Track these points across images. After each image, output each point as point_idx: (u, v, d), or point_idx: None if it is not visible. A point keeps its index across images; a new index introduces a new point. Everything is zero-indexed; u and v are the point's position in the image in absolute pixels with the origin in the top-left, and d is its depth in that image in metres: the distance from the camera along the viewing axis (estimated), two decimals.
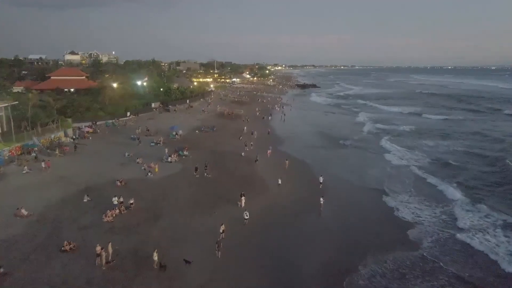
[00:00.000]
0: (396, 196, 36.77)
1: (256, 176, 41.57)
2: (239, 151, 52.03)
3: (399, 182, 41.25)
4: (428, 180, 42.37)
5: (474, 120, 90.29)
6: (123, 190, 35.15)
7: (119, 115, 69.20)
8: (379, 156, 53.59)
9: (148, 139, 57.52)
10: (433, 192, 38.68)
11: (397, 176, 43.58)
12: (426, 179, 42.68)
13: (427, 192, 38.53)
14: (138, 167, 42.49)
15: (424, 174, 44.53)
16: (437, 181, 41.63)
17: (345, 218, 31.84)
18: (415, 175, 44.26)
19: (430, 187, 40.10)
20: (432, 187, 40.26)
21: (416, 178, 43.15)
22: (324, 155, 53.69)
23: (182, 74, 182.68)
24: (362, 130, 75.45)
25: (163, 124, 68.61)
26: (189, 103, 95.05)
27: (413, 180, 42.35)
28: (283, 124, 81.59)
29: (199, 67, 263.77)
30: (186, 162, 45.52)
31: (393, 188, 39.06)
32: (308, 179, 41.93)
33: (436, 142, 63.12)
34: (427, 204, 35.13)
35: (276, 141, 62.51)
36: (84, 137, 55.93)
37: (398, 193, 37.64)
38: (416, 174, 44.49)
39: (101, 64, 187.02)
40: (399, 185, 40.19)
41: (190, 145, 54.81)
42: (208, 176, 40.39)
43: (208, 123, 73.69)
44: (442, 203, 35.28)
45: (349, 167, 47.40)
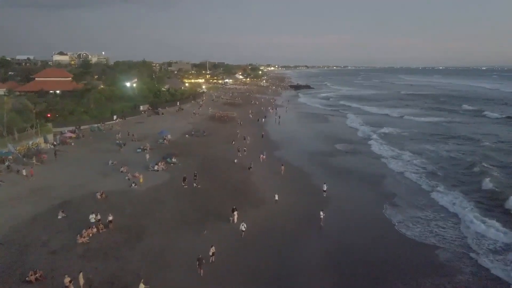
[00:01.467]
0: (402, 209, 33.83)
1: (250, 186, 38.48)
2: (232, 157, 48.96)
3: (402, 191, 38.45)
4: (431, 189, 39.57)
5: (462, 123, 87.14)
6: (103, 204, 31.91)
7: (105, 118, 65.60)
8: (377, 162, 50.81)
9: (135, 144, 54.20)
10: (436, 204, 35.82)
11: (399, 185, 40.81)
12: (430, 191, 39.77)
13: (431, 204, 35.70)
14: (122, 176, 39.17)
15: (425, 182, 41.76)
16: (441, 190, 38.80)
17: (349, 236, 28.79)
18: (415, 183, 41.50)
19: (433, 198, 37.25)
20: (435, 197, 37.40)
21: (418, 187, 40.37)
22: (322, 160, 50.69)
23: (174, 75, 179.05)
24: (356, 133, 72.58)
25: (151, 128, 65.25)
26: (180, 105, 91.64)
27: (415, 189, 39.61)
28: (278, 126, 78.72)
29: (191, 67, 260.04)
30: (174, 171, 42.28)
31: (397, 199, 36.20)
32: (306, 187, 39.03)
33: (433, 147, 60.58)
34: (437, 221, 32.20)
35: (271, 145, 59.57)
36: (66, 143, 52.34)
37: (403, 206, 34.73)
38: (417, 183, 41.72)
39: (90, 65, 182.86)
40: (402, 195, 37.37)
41: (180, 151, 51.61)
42: (198, 187, 37.21)
43: (199, 127, 70.49)
44: (450, 218, 32.50)
45: (349, 174, 44.51)
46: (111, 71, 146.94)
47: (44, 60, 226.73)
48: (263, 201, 34.38)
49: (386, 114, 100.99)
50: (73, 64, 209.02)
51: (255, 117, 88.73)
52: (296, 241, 27.47)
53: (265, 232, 28.70)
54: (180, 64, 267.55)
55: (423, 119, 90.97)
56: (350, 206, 34.83)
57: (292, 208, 33.13)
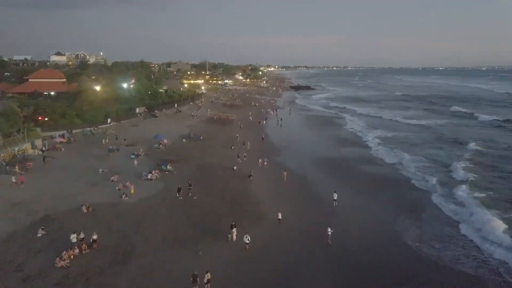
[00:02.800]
0: (420, 224, 30.95)
1: (251, 198, 35.57)
2: (231, 163, 46.11)
3: (418, 203, 35.62)
4: (448, 199, 36.75)
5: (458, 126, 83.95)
6: (89, 219, 29.10)
7: (98, 122, 62.66)
8: (388, 169, 47.98)
9: (129, 150, 51.28)
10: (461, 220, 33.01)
11: (413, 194, 37.99)
12: (449, 201, 36.97)
13: (453, 219, 32.87)
14: (112, 186, 36.27)
15: (440, 190, 38.95)
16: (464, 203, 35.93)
17: (359, 255, 25.87)
18: (429, 192, 38.67)
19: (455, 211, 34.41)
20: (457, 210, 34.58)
21: (436, 198, 37.52)
22: (327, 166, 47.86)
23: (173, 76, 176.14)
24: (358, 137, 69.57)
25: (147, 132, 62.30)
26: (177, 107, 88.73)
27: (432, 200, 36.76)
28: (279, 129, 75.92)
29: (191, 68, 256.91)
30: (168, 179, 39.40)
31: (413, 212, 33.31)
32: (310, 197, 36.22)
33: (444, 151, 57.77)
34: (460, 241, 29.37)
35: (272, 149, 56.81)
36: (56, 148, 49.41)
37: (420, 219, 31.88)
38: (431, 192, 38.89)
39: (87, 65, 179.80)
40: (419, 207, 34.53)
41: (175, 156, 48.78)
42: (193, 198, 34.34)
43: (197, 130, 67.63)
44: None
45: (357, 181, 41.64)
46: (109, 72, 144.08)
47: (42, 61, 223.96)
48: (264, 215, 31.47)
49: (380, 117, 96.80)
50: (70, 65, 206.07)
51: (256, 119, 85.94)
52: (301, 261, 24.59)
53: (267, 251, 25.84)
54: (179, 64, 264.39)
55: (415, 122, 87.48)
56: (360, 219, 31.98)
57: (297, 223, 30.24)
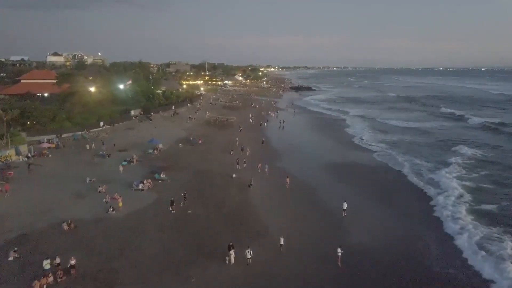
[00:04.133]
0: (443, 239, 27.87)
1: (251, 211, 32.39)
2: (230, 171, 42.97)
3: (439, 215, 32.51)
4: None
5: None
6: (69, 238, 25.96)
7: (90, 125, 59.44)
8: (398, 177, 44.84)
9: (122, 155, 48.10)
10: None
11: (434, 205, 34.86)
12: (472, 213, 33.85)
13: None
14: (99, 198, 33.10)
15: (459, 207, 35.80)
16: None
17: (374, 282, 22.74)
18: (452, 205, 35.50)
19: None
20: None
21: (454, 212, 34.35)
22: (333, 173, 44.77)
23: (171, 77, 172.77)
24: (361, 140, 66.16)
25: (142, 136, 59.19)
26: (175, 109, 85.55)
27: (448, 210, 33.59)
28: (281, 132, 72.80)
29: (190, 68, 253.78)
30: (162, 190, 36.22)
31: (435, 225, 30.23)
32: (316, 209, 33.02)
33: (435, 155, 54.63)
34: None
35: (274, 153, 53.73)
36: (42, 154, 46.27)
37: (442, 232, 28.79)
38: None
39: (85, 66, 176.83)
40: (439, 220, 31.42)
41: (170, 163, 45.61)
42: (188, 212, 31.18)
43: (195, 133, 64.47)
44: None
45: (361, 188, 38.47)
46: (107, 72, 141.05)
47: (39, 61, 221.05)
48: (266, 232, 28.26)
49: (385, 121, 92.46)
50: (68, 65, 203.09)
51: (256, 121, 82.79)
52: (308, 287, 21.47)
53: (269, 275, 22.76)
54: (179, 65, 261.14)
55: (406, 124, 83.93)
56: (373, 233, 28.79)
57: (302, 241, 27.05)
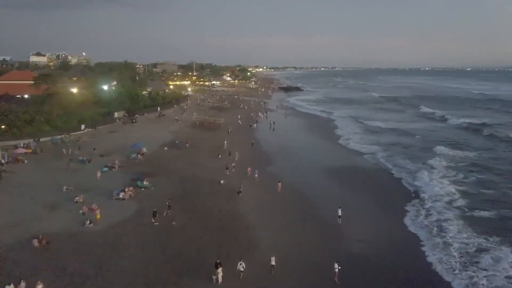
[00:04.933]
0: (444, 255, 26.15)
1: (240, 221, 30.29)
2: (218, 176, 40.80)
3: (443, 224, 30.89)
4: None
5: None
6: (39, 257, 23.49)
7: (70, 128, 56.48)
8: (390, 180, 43.34)
9: (103, 160, 45.50)
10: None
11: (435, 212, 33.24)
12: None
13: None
14: (76, 209, 30.59)
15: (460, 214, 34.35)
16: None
17: None
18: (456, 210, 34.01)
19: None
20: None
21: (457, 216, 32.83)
22: (327, 177, 43.07)
23: (158, 77, 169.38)
24: (352, 143, 64.82)
25: (125, 139, 56.55)
26: (161, 110, 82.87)
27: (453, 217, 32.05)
28: (272, 134, 71.03)
29: (177, 69, 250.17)
30: (144, 198, 33.87)
31: (438, 233, 28.58)
32: (310, 217, 31.10)
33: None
34: None
35: (264, 157, 51.73)
36: (17, 160, 43.41)
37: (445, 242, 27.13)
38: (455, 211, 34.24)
39: (69, 66, 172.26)
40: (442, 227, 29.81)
41: (155, 169, 43.26)
42: (172, 224, 28.92)
43: (182, 136, 62.07)
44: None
45: (354, 191, 36.80)
46: (91, 73, 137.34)
47: (22, 62, 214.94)
48: (256, 245, 26.21)
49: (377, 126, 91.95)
50: (51, 66, 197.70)
51: (245, 123, 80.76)
52: None
53: None
54: (166, 65, 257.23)
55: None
56: (371, 241, 27.09)
57: (296, 257, 25.06)
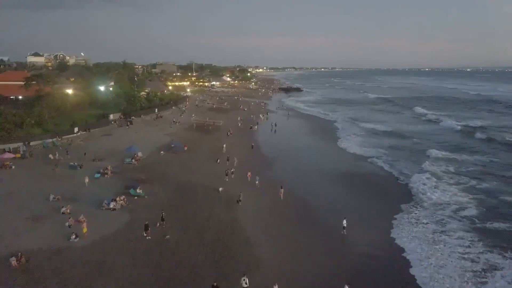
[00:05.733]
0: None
1: (240, 235, 27.91)
2: (216, 183, 38.53)
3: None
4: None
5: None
6: (16, 278, 21.11)
7: (63, 131, 54.05)
8: (395, 184, 40.99)
9: (96, 165, 43.11)
10: None
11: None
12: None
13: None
14: (62, 221, 28.22)
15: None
16: None
17: None
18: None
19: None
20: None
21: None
22: (326, 179, 40.76)
23: (156, 78, 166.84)
24: (356, 148, 62.62)
25: (120, 143, 54.12)
26: (158, 112, 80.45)
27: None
28: (274, 136, 68.86)
29: (177, 69, 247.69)
30: (137, 208, 31.51)
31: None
32: (314, 224, 28.73)
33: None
34: None
35: (266, 162, 49.50)
36: (4, 166, 41.00)
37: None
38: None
39: (66, 66, 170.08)
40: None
41: (150, 174, 40.87)
42: (166, 238, 26.55)
43: (179, 139, 59.68)
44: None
45: (361, 200, 34.47)
46: (88, 73, 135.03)
47: (20, 62, 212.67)
48: (257, 264, 23.84)
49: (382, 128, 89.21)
50: (49, 66, 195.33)
51: (245, 125, 78.39)
52: None
53: None
54: (165, 65, 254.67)
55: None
56: (379, 256, 24.72)
57: (300, 279, 22.72)
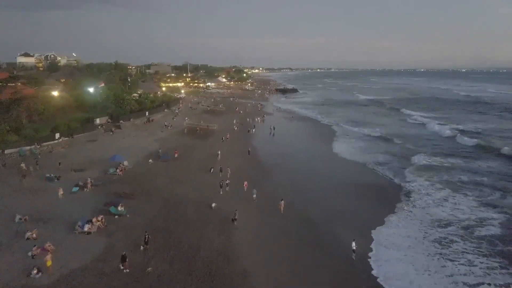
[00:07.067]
0: None
1: (234, 264, 23.73)
2: (209, 197, 34.48)
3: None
4: None
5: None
6: None
7: (42, 138, 49.56)
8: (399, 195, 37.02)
9: (75, 177, 38.80)
10: None
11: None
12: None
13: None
14: (25, 250, 23.94)
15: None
16: None
17: None
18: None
19: None
20: None
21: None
22: (329, 189, 36.74)
23: (150, 78, 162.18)
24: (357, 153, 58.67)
25: (105, 150, 49.82)
26: (149, 115, 76.03)
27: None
28: (272, 140, 64.95)
29: (172, 70, 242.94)
30: (116, 231, 27.30)
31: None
32: (320, 246, 24.66)
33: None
34: None
35: (264, 170, 45.51)
36: None
37: None
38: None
39: (57, 67, 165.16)
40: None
41: (135, 187, 36.68)
42: (147, 271, 22.31)
43: (170, 145, 55.49)
44: None
45: (365, 213, 30.49)
46: (79, 74, 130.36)
47: (11, 63, 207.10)
48: None
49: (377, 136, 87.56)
50: (39, 67, 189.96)
51: (241, 128, 74.29)
52: None
53: None
54: (160, 66, 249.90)
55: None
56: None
57: None
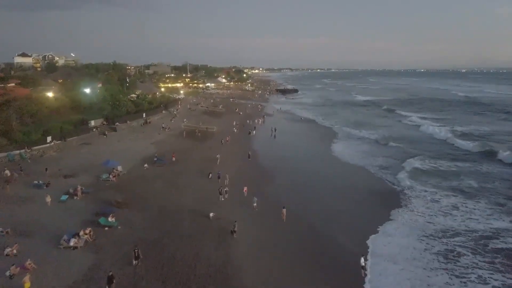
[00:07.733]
0: None
1: (235, 284, 21.54)
2: (207, 205, 32.28)
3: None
4: None
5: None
6: None
7: (34, 141, 47.32)
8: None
9: (66, 184, 36.63)
10: None
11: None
12: None
13: None
14: (3, 269, 21.70)
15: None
16: None
17: None
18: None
19: None
20: None
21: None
22: (332, 195, 34.53)
23: (149, 79, 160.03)
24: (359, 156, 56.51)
25: (98, 154, 47.69)
26: (147, 117, 73.83)
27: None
28: (273, 143, 62.84)
29: (171, 70, 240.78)
30: (105, 245, 25.08)
31: None
32: (327, 262, 22.44)
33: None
34: None
35: (265, 175, 43.35)
36: None
37: None
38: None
39: (55, 67, 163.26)
40: None
41: (128, 195, 34.47)
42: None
43: (167, 148, 53.35)
44: None
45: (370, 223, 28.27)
46: (77, 74, 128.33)
47: (8, 63, 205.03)
48: None
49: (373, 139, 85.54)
50: (37, 67, 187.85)
51: (241, 130, 72.14)
52: None
53: None
54: (159, 66, 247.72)
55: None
56: None
57: None
